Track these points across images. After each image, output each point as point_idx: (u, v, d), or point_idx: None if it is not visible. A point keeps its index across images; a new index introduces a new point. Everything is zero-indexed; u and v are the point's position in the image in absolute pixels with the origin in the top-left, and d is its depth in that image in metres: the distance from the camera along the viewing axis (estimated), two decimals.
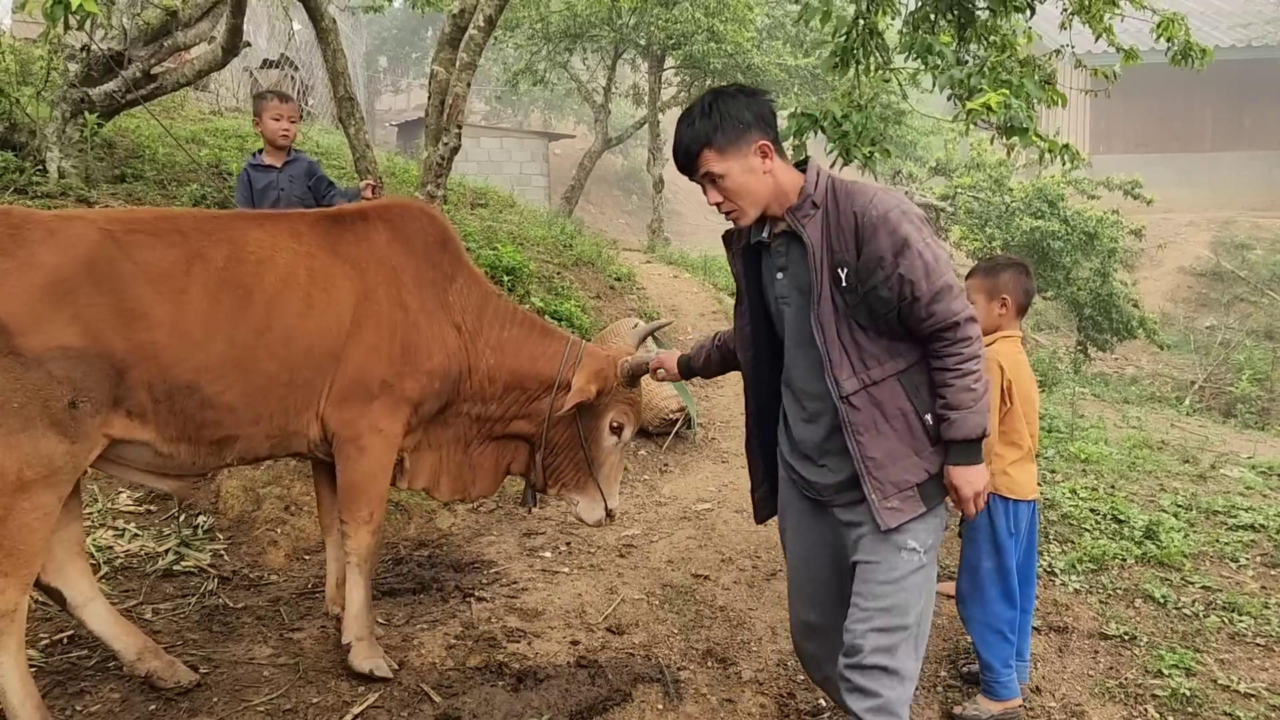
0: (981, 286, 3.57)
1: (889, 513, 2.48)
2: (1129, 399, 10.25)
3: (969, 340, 2.43)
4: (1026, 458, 3.56)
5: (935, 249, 2.42)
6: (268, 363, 3.25)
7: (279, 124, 4.94)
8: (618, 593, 4.33)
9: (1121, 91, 7.60)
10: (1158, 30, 5.41)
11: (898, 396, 2.50)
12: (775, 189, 2.58)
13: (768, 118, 2.55)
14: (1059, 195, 11.80)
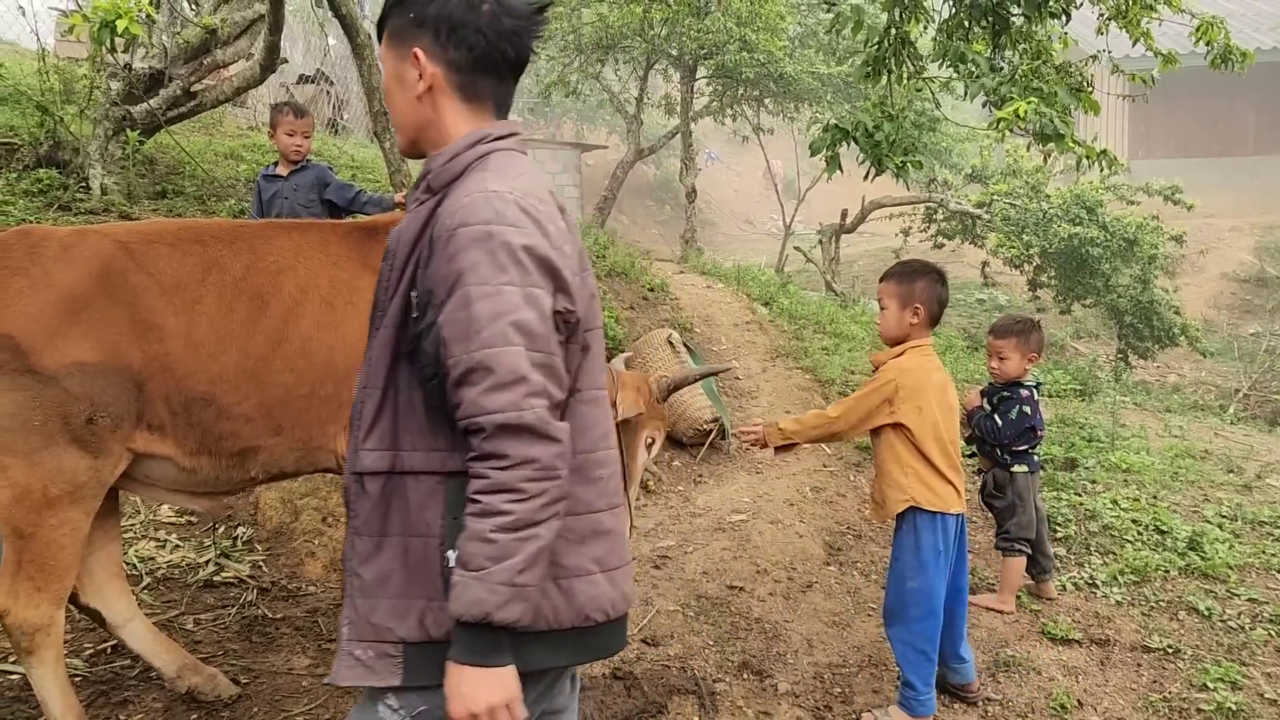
0: (896, 292, 3.51)
1: (348, 664, 1.63)
2: (1171, 407, 10.07)
3: (502, 461, 1.49)
4: (947, 470, 3.46)
5: (491, 303, 1.52)
6: (284, 374, 3.17)
7: (292, 140, 4.98)
8: (653, 604, 4.32)
9: (1160, 95, 7.52)
10: (1197, 34, 5.34)
11: (430, 507, 1.62)
12: (425, 127, 1.77)
13: (457, 19, 1.69)
14: (1097, 201, 11.65)
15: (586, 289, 1.70)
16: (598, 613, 1.65)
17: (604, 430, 1.72)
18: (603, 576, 1.66)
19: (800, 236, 18.04)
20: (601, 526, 1.68)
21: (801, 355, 7.65)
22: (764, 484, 5.72)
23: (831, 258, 14.30)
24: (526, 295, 1.54)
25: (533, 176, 1.70)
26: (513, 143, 1.75)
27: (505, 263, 1.54)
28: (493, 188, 1.60)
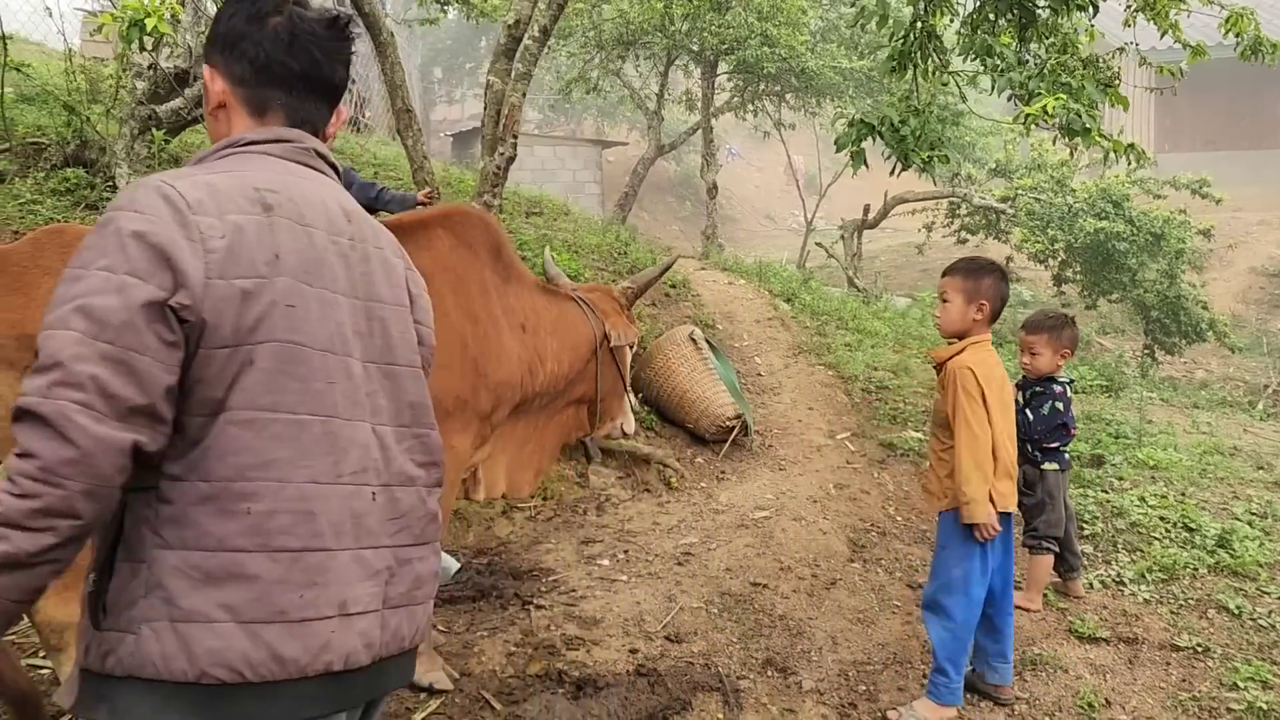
0: (962, 287, 3.49)
1: (66, 684, 1.48)
2: (1199, 404, 9.96)
3: (17, 448, 1.31)
4: (1004, 469, 3.45)
5: (73, 284, 1.37)
6: None
7: None
8: (676, 601, 4.31)
9: (1188, 88, 7.44)
10: (1226, 25, 5.27)
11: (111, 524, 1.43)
12: (219, 139, 1.69)
13: (239, 33, 1.64)
14: (1124, 195, 11.53)
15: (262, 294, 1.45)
16: (221, 669, 1.36)
17: (264, 460, 1.42)
18: (236, 628, 1.37)
19: (822, 232, 17.99)
20: (242, 569, 1.39)
21: (824, 351, 7.62)
22: (787, 481, 5.70)
23: (854, 253, 14.23)
24: (115, 282, 1.35)
25: (246, 174, 1.55)
26: (276, 149, 1.64)
27: (108, 247, 1.38)
28: (158, 179, 1.46)
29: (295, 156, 1.66)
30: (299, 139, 1.67)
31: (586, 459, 5.27)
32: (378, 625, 1.53)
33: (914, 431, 6.45)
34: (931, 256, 17.44)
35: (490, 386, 3.52)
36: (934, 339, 8.90)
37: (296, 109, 1.68)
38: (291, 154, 1.65)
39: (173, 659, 1.36)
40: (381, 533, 1.56)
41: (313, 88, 1.69)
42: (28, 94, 6.89)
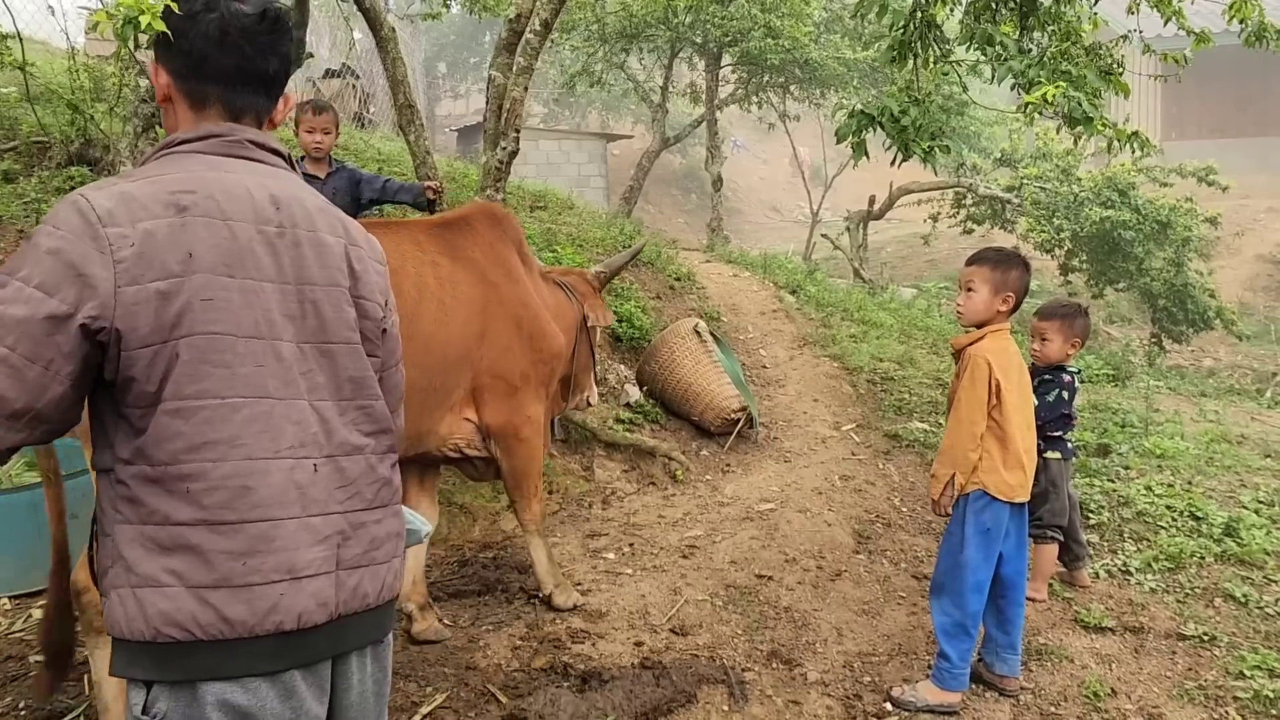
0: (989, 278, 3.50)
1: None
2: (1206, 392, 9.93)
3: None
4: (1016, 459, 3.48)
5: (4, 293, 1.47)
6: (410, 370, 3.26)
7: (311, 136, 5.01)
8: (681, 594, 4.32)
9: (1194, 75, 7.40)
10: (1230, 11, 5.23)
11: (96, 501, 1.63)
12: (171, 130, 1.79)
13: (177, 29, 1.72)
14: (1130, 184, 11.49)
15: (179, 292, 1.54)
16: (173, 629, 1.50)
17: (197, 443, 1.53)
18: (185, 592, 1.51)
19: (827, 224, 17.96)
20: (187, 541, 1.52)
21: (829, 343, 7.61)
22: (792, 473, 5.70)
23: (859, 244, 14.22)
24: (25, 294, 1.47)
25: (167, 177, 1.62)
26: (205, 145, 1.71)
27: (27, 259, 1.50)
28: (79, 193, 1.56)
29: (225, 150, 1.72)
30: (228, 132, 1.73)
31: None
32: (331, 585, 1.62)
33: (919, 423, 6.45)
34: (937, 247, 17.41)
35: (545, 360, 3.97)
36: (939, 329, 8.89)
37: (233, 100, 1.75)
38: (220, 148, 1.71)
39: (134, 620, 1.51)
40: (329, 500, 1.65)
41: (247, 80, 1.75)
42: (32, 93, 6.91)
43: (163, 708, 1.54)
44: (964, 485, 3.49)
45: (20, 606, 4.04)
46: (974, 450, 3.45)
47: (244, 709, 1.54)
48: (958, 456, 3.47)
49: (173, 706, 1.53)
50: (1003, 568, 3.58)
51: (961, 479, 3.48)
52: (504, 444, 3.89)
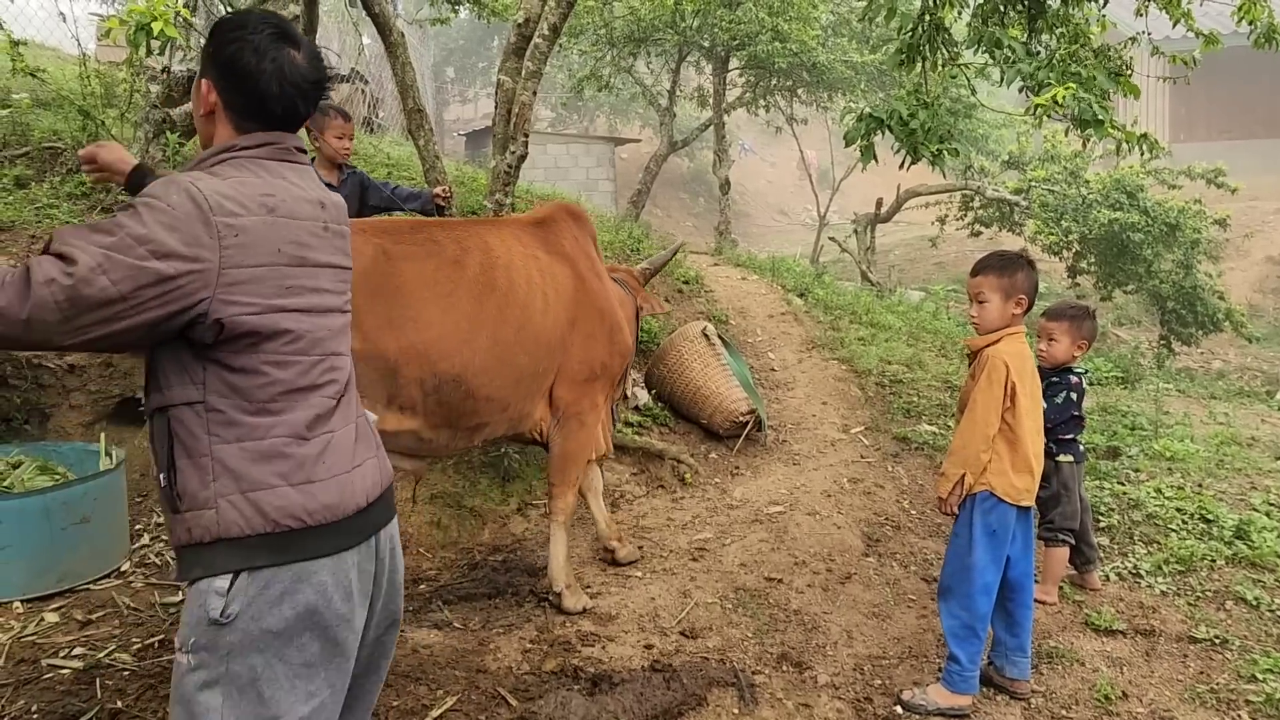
0: (998, 285, 3.50)
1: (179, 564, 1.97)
2: (1216, 394, 9.90)
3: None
4: (1032, 458, 3.49)
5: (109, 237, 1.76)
6: (521, 356, 3.75)
7: (341, 142, 5.04)
8: (691, 596, 4.32)
9: (1202, 77, 7.38)
10: (1238, 13, 5.23)
11: (157, 439, 1.95)
12: (205, 138, 2.11)
13: (238, 69, 2.00)
14: (1138, 186, 11.46)
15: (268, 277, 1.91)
16: (289, 519, 1.90)
17: (290, 388, 1.95)
18: (291, 489, 1.91)
19: (835, 227, 17.94)
20: (280, 451, 1.92)
21: (837, 346, 7.61)
22: (801, 475, 5.70)
23: (867, 247, 14.21)
24: (136, 250, 1.76)
25: (252, 181, 1.96)
26: (263, 151, 2.03)
27: (143, 221, 1.78)
28: (188, 180, 1.86)
29: (278, 156, 2.05)
30: (279, 140, 2.06)
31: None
32: (375, 470, 2.11)
33: (928, 425, 6.44)
34: (945, 250, 17.39)
35: (620, 352, 4.22)
36: (947, 332, 8.88)
37: (272, 129, 2.06)
38: (275, 154, 2.05)
39: (252, 519, 1.88)
40: (351, 414, 2.11)
41: (290, 122, 2.08)
42: (43, 99, 6.95)
43: (235, 608, 1.87)
44: (972, 486, 3.49)
45: (33, 610, 4.06)
46: (986, 451, 3.45)
47: (326, 588, 1.93)
48: (969, 456, 3.47)
49: (254, 598, 1.87)
50: (1010, 571, 3.58)
51: (971, 479, 3.48)
52: (566, 427, 4.10)
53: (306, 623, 1.92)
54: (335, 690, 2.01)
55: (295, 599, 1.90)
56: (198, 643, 1.88)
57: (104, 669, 3.55)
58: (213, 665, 1.87)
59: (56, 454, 4.64)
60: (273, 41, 2.02)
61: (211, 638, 1.87)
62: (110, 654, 3.65)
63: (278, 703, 1.91)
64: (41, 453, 4.64)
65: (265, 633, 1.89)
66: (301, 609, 1.91)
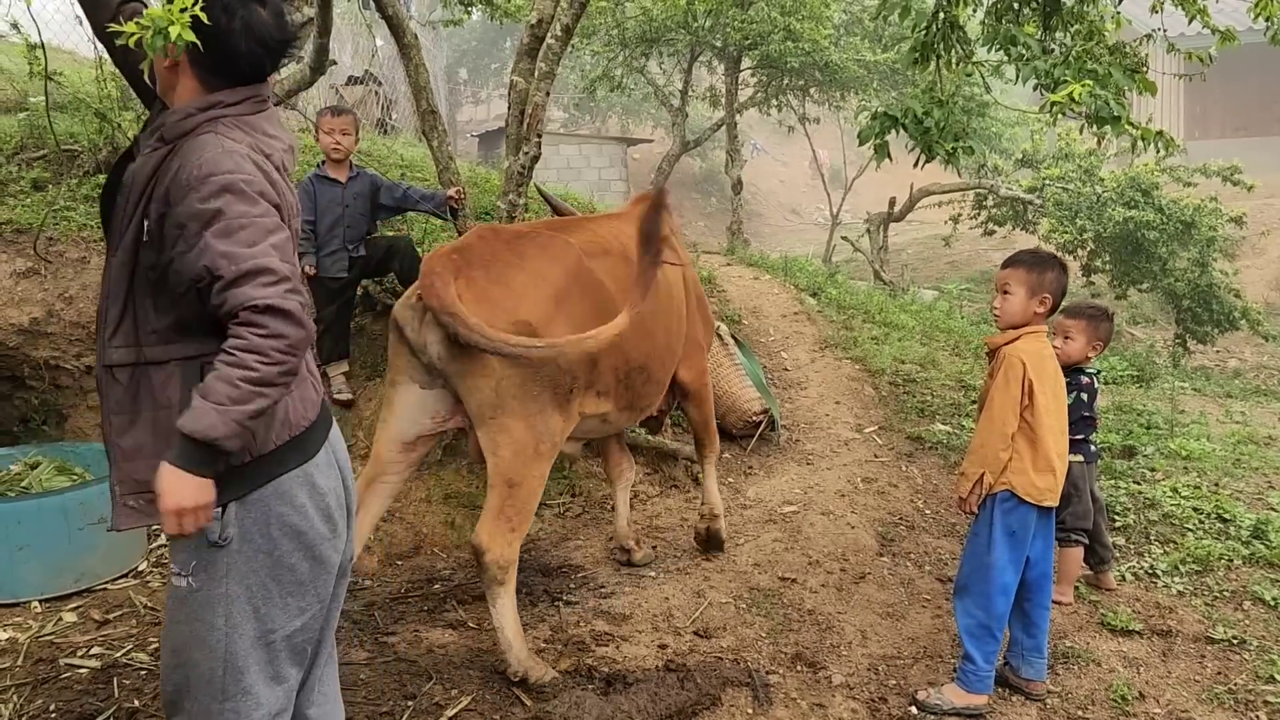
0: (1025, 280, 3.49)
1: (124, 513, 2.12)
2: (1232, 393, 9.83)
3: (262, 330, 1.92)
4: (1046, 462, 3.47)
5: (252, 230, 1.96)
6: (677, 343, 4.27)
7: (330, 138, 5.15)
8: (705, 596, 4.32)
9: (1217, 74, 7.33)
10: (1255, 9, 5.18)
11: (171, 385, 2.07)
12: (167, 89, 2.16)
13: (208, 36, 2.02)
14: (1153, 184, 11.40)
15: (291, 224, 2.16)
16: (303, 420, 2.16)
17: None
18: (293, 395, 2.15)
19: (847, 226, 17.90)
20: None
21: (850, 345, 7.59)
22: (815, 475, 5.69)
23: (880, 246, 14.18)
24: (271, 223, 2.01)
25: (260, 136, 2.11)
26: (245, 106, 2.12)
27: (244, 201, 1.97)
28: (242, 148, 2.02)
29: (259, 109, 2.16)
30: (256, 92, 2.16)
31: None
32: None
33: (942, 425, 6.42)
34: (958, 249, 17.33)
35: (709, 324, 4.88)
36: (961, 331, 8.84)
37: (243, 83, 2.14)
38: (255, 108, 2.16)
39: (280, 431, 2.10)
40: None
41: (257, 78, 2.16)
42: (60, 102, 6.99)
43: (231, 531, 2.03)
44: (992, 485, 3.48)
45: (51, 610, 4.09)
46: (1004, 450, 3.44)
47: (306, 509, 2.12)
48: (988, 455, 3.46)
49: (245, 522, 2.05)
50: (1029, 571, 3.57)
51: (990, 478, 3.47)
52: (696, 397, 4.58)
53: (294, 542, 2.08)
54: (323, 603, 2.22)
55: (282, 521, 2.07)
56: (197, 565, 2.04)
57: (121, 668, 3.57)
58: (212, 586, 2.03)
59: (74, 454, 4.68)
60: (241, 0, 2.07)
61: (209, 560, 2.03)
62: (127, 653, 3.68)
63: (273, 618, 2.09)
64: (59, 453, 4.67)
65: (258, 553, 2.05)
66: (288, 529, 2.08)
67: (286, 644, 2.16)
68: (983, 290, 15.47)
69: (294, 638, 2.17)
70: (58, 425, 5.27)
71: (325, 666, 2.42)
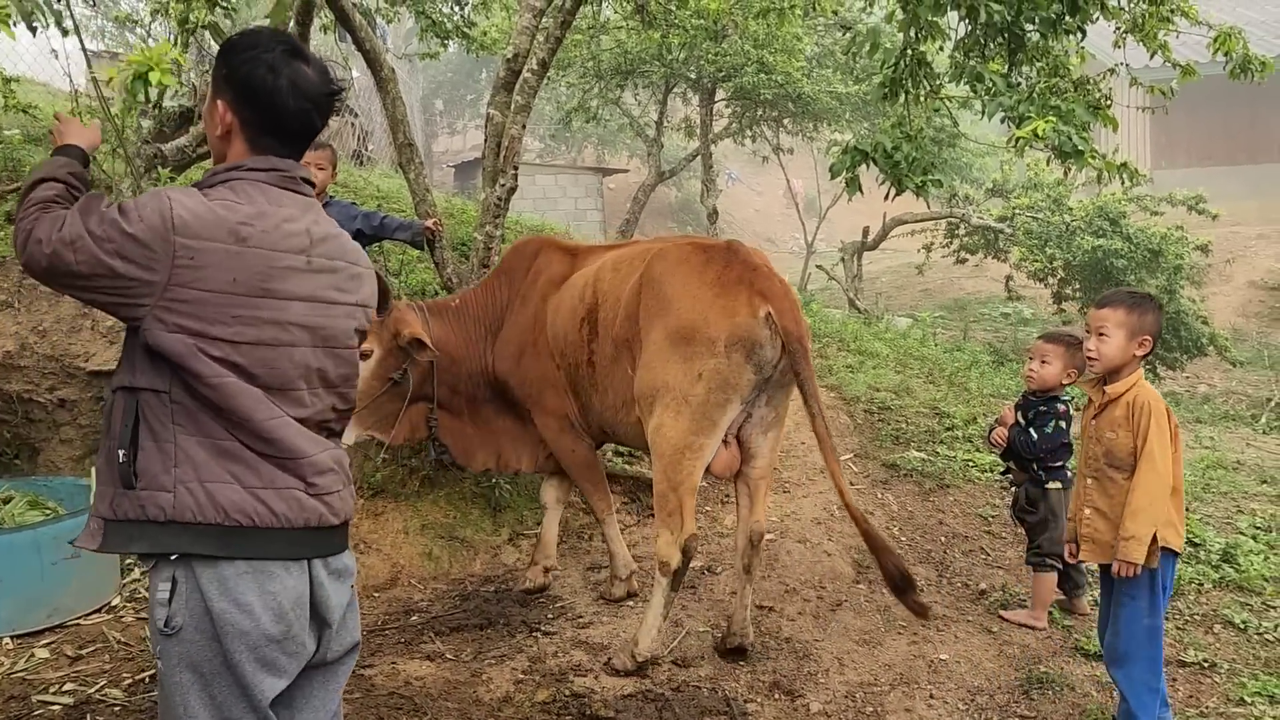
0: (1125, 322, 3.33)
1: (84, 534, 2.10)
2: (1201, 418, 9.97)
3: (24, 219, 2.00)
4: (1180, 507, 3.36)
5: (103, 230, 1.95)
6: None
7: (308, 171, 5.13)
8: (682, 625, 4.33)
9: (1183, 104, 7.50)
10: (1215, 44, 5.33)
11: (115, 416, 2.07)
12: (220, 157, 2.21)
13: (253, 86, 2.10)
14: (1121, 213, 11.61)
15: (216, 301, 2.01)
16: (239, 515, 2.01)
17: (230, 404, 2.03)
18: (241, 489, 2.02)
19: (822, 254, 18.08)
20: (237, 454, 2.03)
21: (825, 373, 7.65)
22: (791, 503, 5.72)
23: (854, 275, 14.31)
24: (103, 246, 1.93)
25: (239, 206, 2.05)
26: (270, 177, 2.12)
27: (114, 225, 1.94)
28: (169, 196, 1.99)
29: (283, 184, 2.14)
30: (289, 169, 2.16)
31: None
32: (338, 501, 2.17)
33: (917, 451, 6.48)
34: (931, 276, 17.52)
35: None
36: (934, 359, 8.93)
37: (287, 149, 2.17)
38: (280, 181, 2.13)
39: (205, 508, 1.99)
40: (321, 444, 2.17)
41: (305, 137, 2.19)
42: (35, 135, 6.98)
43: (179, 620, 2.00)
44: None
45: (23, 646, 4.05)
46: (1169, 504, 3.28)
47: (254, 609, 2.02)
48: (1158, 513, 3.25)
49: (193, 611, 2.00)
50: None
51: (1162, 536, 3.26)
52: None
53: (239, 642, 2.02)
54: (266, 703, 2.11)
55: (224, 618, 2.01)
56: (160, 650, 2.06)
57: (94, 704, 3.54)
58: (169, 672, 2.05)
59: (47, 489, 4.64)
60: (285, 58, 2.10)
61: (165, 646, 2.04)
62: (101, 689, 3.65)
63: (228, 706, 2.06)
64: (32, 488, 4.63)
65: (210, 641, 2.03)
66: (231, 628, 2.01)
67: None
68: (955, 318, 15.64)
69: None
70: (30, 459, 5.23)
71: None
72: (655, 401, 3.79)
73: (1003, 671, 4.06)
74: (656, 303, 3.82)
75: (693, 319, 3.71)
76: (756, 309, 3.70)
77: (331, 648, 2.23)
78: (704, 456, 3.80)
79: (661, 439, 3.77)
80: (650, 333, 3.82)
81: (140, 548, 2.02)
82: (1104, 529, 3.41)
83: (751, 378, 3.74)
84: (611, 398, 4.14)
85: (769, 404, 3.97)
